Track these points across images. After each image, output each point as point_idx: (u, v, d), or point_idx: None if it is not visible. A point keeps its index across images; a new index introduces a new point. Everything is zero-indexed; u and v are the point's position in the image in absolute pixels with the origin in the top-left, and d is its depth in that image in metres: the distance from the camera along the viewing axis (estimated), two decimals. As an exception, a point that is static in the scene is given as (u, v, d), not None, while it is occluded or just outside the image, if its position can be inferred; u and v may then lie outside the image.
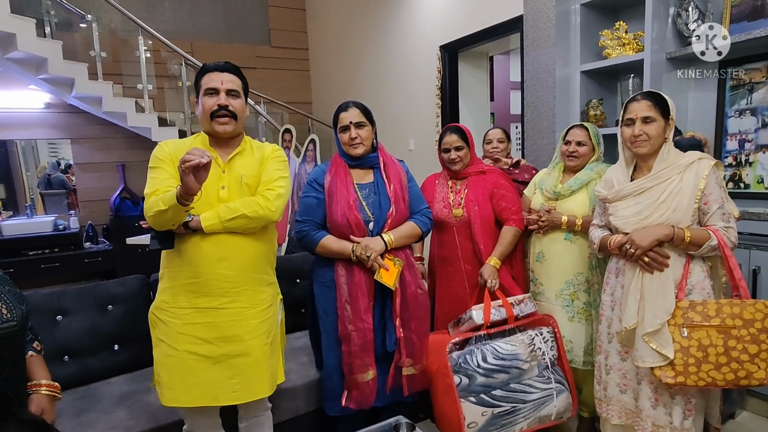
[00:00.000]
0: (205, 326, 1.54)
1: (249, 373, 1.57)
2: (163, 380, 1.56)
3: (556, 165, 2.18)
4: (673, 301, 1.59)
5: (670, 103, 1.65)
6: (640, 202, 1.66)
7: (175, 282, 1.55)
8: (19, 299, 0.99)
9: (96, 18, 4.29)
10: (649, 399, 1.67)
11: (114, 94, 4.24)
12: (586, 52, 2.60)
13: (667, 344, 1.57)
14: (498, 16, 3.31)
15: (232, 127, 1.57)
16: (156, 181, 1.52)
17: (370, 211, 1.90)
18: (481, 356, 1.86)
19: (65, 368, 2.00)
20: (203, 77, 1.58)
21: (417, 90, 4.27)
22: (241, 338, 1.56)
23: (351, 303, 1.86)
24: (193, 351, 1.53)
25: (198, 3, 5.46)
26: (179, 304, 1.55)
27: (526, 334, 1.96)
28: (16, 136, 4.66)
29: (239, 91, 1.60)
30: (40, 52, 3.71)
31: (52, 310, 2.03)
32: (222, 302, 1.54)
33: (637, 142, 1.65)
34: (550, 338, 1.99)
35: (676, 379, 1.56)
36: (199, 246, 1.52)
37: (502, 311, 1.95)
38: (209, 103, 1.55)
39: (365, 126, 1.90)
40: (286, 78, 5.95)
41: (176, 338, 1.54)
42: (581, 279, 2.03)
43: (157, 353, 1.59)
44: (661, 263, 1.61)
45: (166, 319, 1.56)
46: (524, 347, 1.91)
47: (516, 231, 2.12)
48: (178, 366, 1.54)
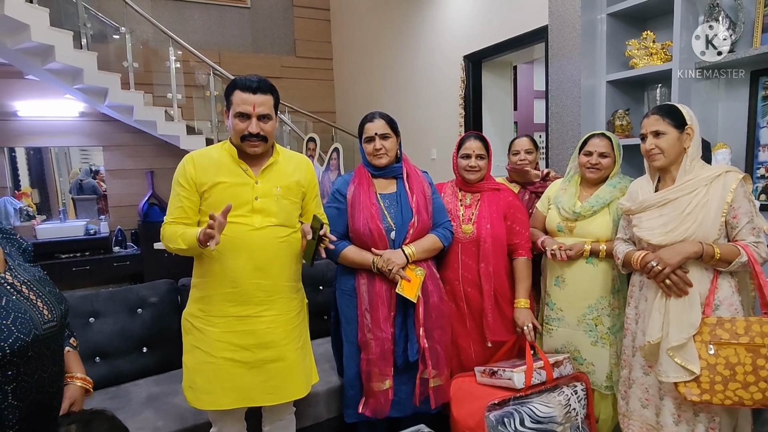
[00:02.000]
0: (243, 334, 1.58)
1: (283, 377, 1.63)
2: (200, 385, 1.59)
3: (571, 178, 2.08)
4: (699, 315, 1.55)
5: (686, 113, 1.62)
6: (665, 213, 1.63)
7: (213, 291, 1.58)
8: (59, 299, 1.03)
9: (129, 30, 4.44)
10: (672, 415, 1.64)
11: (145, 104, 4.37)
12: (612, 61, 2.57)
13: (693, 359, 1.53)
14: (522, 26, 3.31)
15: (263, 149, 1.60)
16: (173, 208, 1.59)
17: (393, 221, 1.91)
18: (519, 420, 1.81)
19: (96, 369, 2.06)
20: (234, 94, 1.55)
21: (440, 99, 4.28)
22: (276, 344, 1.61)
23: (371, 312, 1.88)
24: (231, 357, 1.57)
25: (226, 15, 5.60)
26: (216, 312, 1.58)
27: (562, 394, 1.90)
28: (52, 143, 4.84)
29: (271, 114, 1.59)
30: (76, 63, 3.85)
31: (85, 312, 2.09)
32: (258, 310, 1.59)
33: (650, 156, 1.66)
34: (583, 396, 1.94)
35: (702, 397, 1.52)
36: (237, 257, 1.56)
37: (542, 374, 1.89)
38: (240, 126, 1.55)
39: (390, 137, 1.92)
40: (310, 88, 6.04)
41: (213, 345, 1.58)
42: (604, 303, 1.97)
43: (191, 359, 1.62)
44: (683, 289, 1.57)
45: (201, 327, 1.60)
46: (560, 409, 1.86)
47: (529, 262, 2.06)
48: (217, 372, 1.57)
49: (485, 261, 1.99)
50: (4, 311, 0.89)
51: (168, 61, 4.50)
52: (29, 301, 0.95)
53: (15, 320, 0.90)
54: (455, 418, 1.92)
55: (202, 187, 1.57)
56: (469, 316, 2.05)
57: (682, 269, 1.58)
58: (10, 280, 0.95)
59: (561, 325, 2.05)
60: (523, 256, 2.05)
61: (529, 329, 1.98)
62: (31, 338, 0.91)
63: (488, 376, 1.94)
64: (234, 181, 1.58)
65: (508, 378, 1.86)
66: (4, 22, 3.42)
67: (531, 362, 1.89)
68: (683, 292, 1.57)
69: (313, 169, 1.78)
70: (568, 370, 1.97)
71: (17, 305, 0.92)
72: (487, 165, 2.08)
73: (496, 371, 1.91)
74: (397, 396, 1.92)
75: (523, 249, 2.05)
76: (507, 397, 1.86)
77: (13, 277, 0.96)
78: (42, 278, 1.03)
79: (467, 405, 1.90)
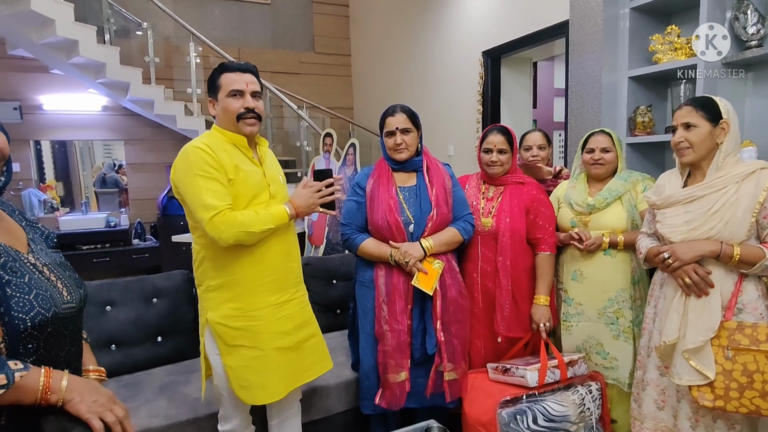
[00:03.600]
0: (284, 320, 1.63)
1: (318, 350, 1.74)
2: (252, 381, 1.57)
3: (578, 176, 2.08)
4: (718, 318, 1.49)
5: (722, 106, 1.55)
6: (690, 210, 1.57)
7: (249, 285, 1.56)
8: (78, 283, 1.06)
9: (151, 26, 4.51)
10: (689, 419, 1.58)
11: (165, 98, 4.44)
12: (635, 57, 2.51)
13: (709, 364, 1.48)
14: (543, 21, 3.26)
15: (258, 128, 1.61)
16: (221, 194, 1.48)
17: (411, 214, 1.90)
18: (532, 418, 1.79)
19: (112, 356, 2.09)
20: (222, 76, 1.55)
21: (458, 96, 4.25)
22: (310, 322, 1.72)
23: (388, 303, 1.87)
24: (278, 346, 1.61)
25: (246, 11, 5.65)
26: (257, 305, 1.57)
27: (576, 393, 1.87)
28: (75, 136, 4.94)
29: (260, 93, 1.61)
30: (99, 57, 3.92)
31: (102, 301, 2.13)
32: (291, 293, 1.67)
33: (678, 149, 1.59)
34: (598, 396, 1.91)
35: (715, 403, 1.47)
36: (272, 245, 1.58)
37: (556, 373, 1.86)
38: (235, 105, 1.54)
39: (411, 132, 1.91)
40: (328, 83, 6.05)
41: (260, 339, 1.57)
42: (625, 295, 1.93)
43: (235, 360, 1.56)
44: (703, 289, 1.51)
45: (242, 325, 1.56)
46: (574, 408, 1.83)
47: (553, 258, 2.02)
48: (268, 364, 1.58)
49: (503, 254, 1.97)
50: (27, 287, 0.92)
51: (188, 56, 4.55)
52: (50, 281, 0.98)
53: (36, 296, 0.93)
54: (467, 413, 1.90)
55: (233, 173, 1.52)
56: (483, 310, 2.03)
57: (704, 268, 1.53)
58: (33, 260, 0.99)
59: (581, 320, 2.02)
60: (546, 251, 2.01)
61: (544, 327, 1.95)
62: (51, 314, 0.94)
63: (501, 373, 1.91)
64: (251, 168, 1.58)
65: (521, 376, 1.83)
66: (31, 17, 3.50)
67: (545, 361, 1.86)
68: (703, 293, 1.52)
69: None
70: (582, 370, 1.94)
71: (39, 283, 0.95)
72: (510, 159, 2.04)
73: (509, 368, 1.89)
74: (414, 388, 1.91)
75: (545, 244, 2.01)
76: (519, 394, 1.83)
77: (35, 259, 0.99)
78: (62, 263, 1.07)
79: (479, 401, 1.88)
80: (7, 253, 0.94)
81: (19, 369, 0.86)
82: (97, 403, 0.93)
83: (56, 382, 0.90)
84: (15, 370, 0.85)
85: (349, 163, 4.36)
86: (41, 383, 0.88)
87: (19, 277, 0.92)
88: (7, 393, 0.84)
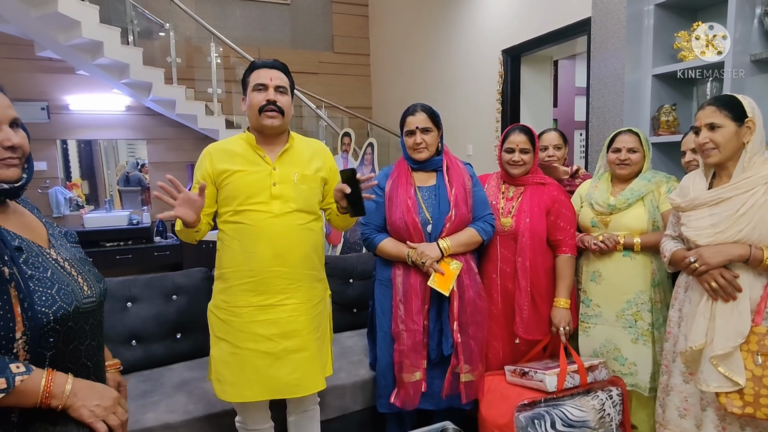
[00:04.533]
0: (265, 323, 1.58)
1: (307, 367, 1.62)
2: (225, 377, 1.60)
3: (601, 176, 2.04)
4: (748, 322, 1.45)
5: (746, 104, 1.50)
6: (716, 213, 1.53)
7: (235, 281, 1.59)
8: (98, 278, 1.08)
9: (173, 26, 4.58)
10: (716, 427, 1.54)
11: (186, 98, 4.50)
12: (659, 54, 2.45)
13: (738, 370, 1.43)
14: (564, 19, 3.21)
15: (279, 122, 1.60)
16: None
17: (429, 214, 1.89)
18: (550, 422, 1.76)
19: (132, 352, 2.13)
20: (251, 74, 1.61)
21: (477, 95, 4.21)
22: (299, 333, 1.60)
23: (404, 303, 1.87)
24: (255, 348, 1.57)
25: (266, 11, 5.69)
26: (238, 303, 1.59)
27: (597, 398, 1.84)
28: (100, 136, 5.04)
29: (287, 89, 1.63)
30: (123, 58, 4.00)
31: (123, 297, 2.17)
32: (280, 299, 1.59)
33: (703, 151, 1.54)
34: (618, 401, 1.87)
35: (744, 410, 1.42)
36: (257, 245, 1.56)
37: (575, 378, 1.83)
38: (258, 99, 1.58)
39: (431, 131, 1.89)
40: (347, 83, 6.07)
41: (237, 336, 1.58)
42: (644, 298, 1.89)
43: (217, 351, 1.63)
44: (730, 294, 1.47)
45: (226, 318, 1.61)
46: (594, 413, 1.80)
47: (573, 260, 1.99)
48: (242, 364, 1.58)
49: (522, 255, 1.95)
50: (49, 282, 0.94)
51: (209, 56, 4.61)
52: (71, 276, 1.00)
53: (59, 291, 0.94)
54: (483, 416, 1.89)
55: (220, 177, 1.59)
56: (501, 312, 2.00)
57: (731, 272, 1.48)
58: (54, 255, 1.00)
59: (599, 322, 1.98)
60: (566, 253, 1.98)
61: (564, 331, 1.92)
62: (72, 309, 0.95)
63: (518, 376, 1.89)
64: (251, 168, 1.59)
65: (539, 380, 1.81)
66: (58, 19, 3.58)
67: (565, 365, 1.83)
68: (731, 297, 1.47)
69: (330, 154, 1.78)
70: (603, 375, 1.90)
71: (60, 278, 0.97)
72: (532, 159, 2.02)
73: (527, 372, 1.86)
74: (431, 389, 1.90)
75: (566, 246, 1.98)
76: (538, 398, 1.81)
77: (56, 254, 1.01)
78: (82, 258, 1.08)
79: (496, 404, 1.86)
80: (30, 248, 0.96)
81: (21, 372, 0.86)
82: (100, 407, 0.95)
83: (58, 387, 0.90)
84: (16, 374, 0.85)
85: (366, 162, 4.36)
86: (42, 387, 0.88)
87: (41, 272, 0.94)
88: (7, 397, 0.84)
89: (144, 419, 1.79)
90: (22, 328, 0.89)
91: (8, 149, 0.94)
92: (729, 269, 1.49)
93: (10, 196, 0.98)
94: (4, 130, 0.94)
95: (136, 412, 1.81)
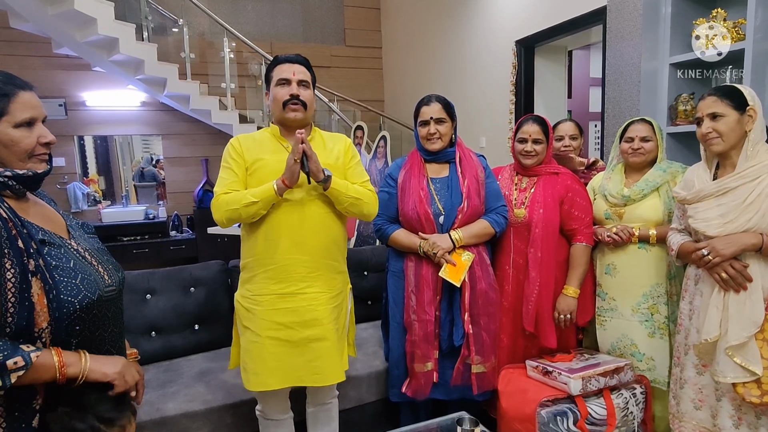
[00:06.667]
0: (285, 311, 1.60)
1: (328, 357, 1.63)
2: (249, 366, 1.62)
3: (615, 167, 2.01)
4: (762, 312, 1.44)
5: (747, 93, 1.50)
6: (723, 203, 1.52)
7: (257, 270, 1.62)
8: (116, 268, 1.12)
9: (187, 22, 4.61)
10: (731, 417, 1.53)
11: (200, 93, 4.53)
12: (677, 43, 2.41)
13: (755, 359, 1.43)
14: (578, 8, 3.17)
15: (303, 115, 1.63)
16: (226, 182, 1.62)
17: (442, 205, 1.90)
18: (573, 419, 1.76)
19: (152, 343, 2.17)
20: (275, 69, 1.65)
21: (490, 87, 4.19)
22: (319, 322, 1.62)
23: (416, 294, 1.88)
24: (274, 336, 1.60)
25: (278, 6, 5.70)
26: (260, 291, 1.62)
27: (621, 396, 1.83)
28: (116, 131, 5.11)
29: (309, 83, 1.67)
30: (138, 54, 4.04)
31: (142, 289, 2.20)
32: (300, 287, 1.61)
33: (707, 140, 1.54)
34: (642, 399, 1.86)
35: (762, 399, 1.42)
36: (277, 233, 1.59)
37: (600, 381, 1.80)
38: (281, 93, 1.62)
39: (445, 122, 1.89)
40: (359, 76, 6.07)
41: (259, 325, 1.61)
42: (660, 290, 1.87)
43: (244, 340, 1.66)
44: (741, 284, 1.46)
45: (250, 306, 1.64)
46: (618, 412, 1.79)
47: (588, 249, 1.96)
48: (261, 351, 1.60)
49: (534, 246, 1.94)
50: (73, 272, 0.97)
51: (222, 52, 4.64)
52: (92, 265, 1.03)
53: (82, 280, 0.98)
54: (504, 409, 1.89)
55: (246, 164, 1.64)
56: (512, 304, 2.00)
57: (741, 262, 1.47)
58: (75, 246, 1.04)
59: (614, 316, 1.96)
60: (582, 242, 1.96)
61: (565, 320, 1.91)
62: (95, 297, 0.99)
63: (540, 373, 1.88)
64: (276, 157, 1.62)
65: (563, 382, 1.79)
66: (74, 17, 3.63)
67: (590, 368, 1.82)
68: (741, 287, 1.46)
69: (351, 144, 1.79)
70: (628, 377, 1.87)
71: (83, 267, 1.00)
72: (545, 150, 2.00)
73: (550, 371, 1.85)
74: (443, 379, 1.92)
75: (582, 235, 1.96)
76: (561, 395, 1.80)
77: (77, 244, 1.05)
78: (101, 248, 1.12)
79: (517, 398, 1.86)
80: (52, 239, 0.99)
81: (32, 350, 0.89)
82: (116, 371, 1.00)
83: (71, 356, 0.95)
84: (29, 351, 0.89)
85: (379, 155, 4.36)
86: (56, 360, 0.92)
87: (65, 262, 0.97)
88: (27, 374, 0.88)
89: (165, 408, 1.83)
90: (48, 319, 0.92)
91: (44, 145, 0.99)
92: (738, 259, 1.48)
93: (30, 186, 1.01)
94: (41, 127, 0.99)
95: (156, 402, 1.85)
